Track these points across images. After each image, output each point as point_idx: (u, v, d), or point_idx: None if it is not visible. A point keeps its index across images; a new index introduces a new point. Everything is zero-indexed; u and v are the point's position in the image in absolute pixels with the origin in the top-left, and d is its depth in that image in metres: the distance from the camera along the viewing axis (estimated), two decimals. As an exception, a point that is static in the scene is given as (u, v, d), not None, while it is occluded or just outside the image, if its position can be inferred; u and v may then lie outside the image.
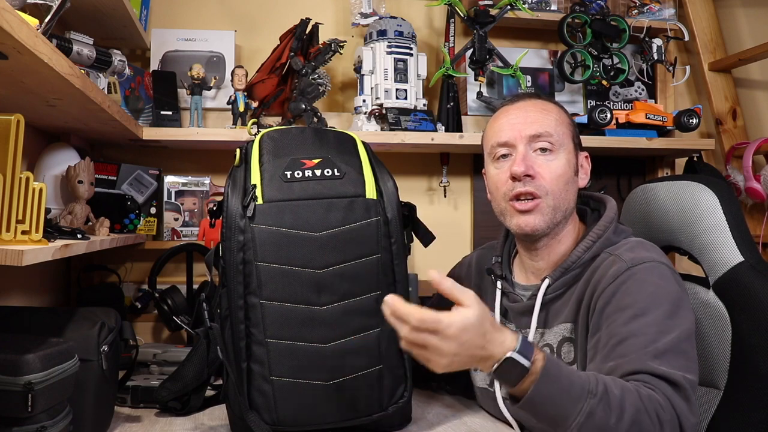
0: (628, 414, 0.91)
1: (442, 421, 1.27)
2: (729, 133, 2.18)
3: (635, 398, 0.93)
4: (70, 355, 0.97)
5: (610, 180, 2.15)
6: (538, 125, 1.19)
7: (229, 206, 1.12)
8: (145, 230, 1.75)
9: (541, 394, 0.91)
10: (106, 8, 1.59)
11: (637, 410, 0.92)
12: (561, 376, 0.92)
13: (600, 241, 1.17)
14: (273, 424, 1.11)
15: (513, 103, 1.25)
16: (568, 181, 1.19)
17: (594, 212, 1.26)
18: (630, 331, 1.02)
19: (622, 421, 0.91)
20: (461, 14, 1.95)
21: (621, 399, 0.92)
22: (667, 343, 1.00)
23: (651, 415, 0.92)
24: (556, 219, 1.18)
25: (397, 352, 1.16)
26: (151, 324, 1.91)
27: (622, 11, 2.13)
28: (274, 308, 1.10)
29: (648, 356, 0.99)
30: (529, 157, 1.17)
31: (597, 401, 0.90)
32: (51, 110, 1.28)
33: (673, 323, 1.03)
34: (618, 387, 0.94)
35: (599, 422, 0.90)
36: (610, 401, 0.91)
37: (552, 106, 1.24)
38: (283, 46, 1.83)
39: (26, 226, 0.95)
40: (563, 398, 0.91)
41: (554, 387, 0.91)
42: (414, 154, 2.07)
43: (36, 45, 0.86)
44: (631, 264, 1.09)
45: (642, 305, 1.04)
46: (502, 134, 1.21)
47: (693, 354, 1.03)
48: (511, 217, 1.19)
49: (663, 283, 1.07)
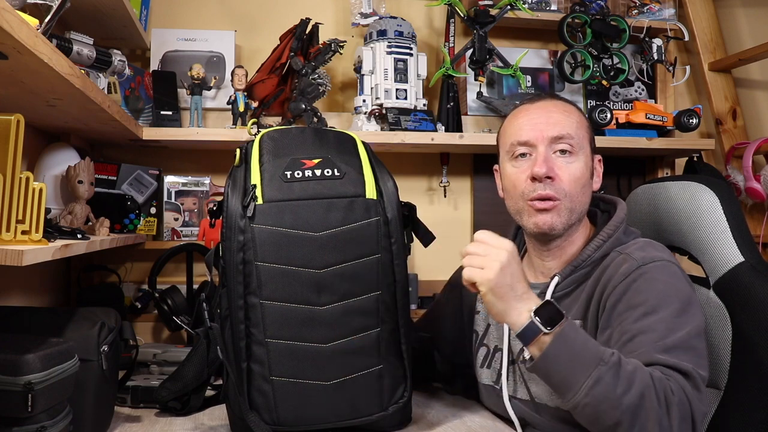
0: (636, 389, 0.93)
1: (442, 421, 1.26)
2: (729, 133, 2.18)
3: (646, 377, 0.95)
4: (70, 355, 0.97)
5: (610, 180, 2.15)
6: (560, 127, 1.19)
7: (229, 206, 1.12)
8: (145, 230, 1.75)
9: (562, 347, 0.97)
10: (106, 8, 1.59)
11: (646, 386, 0.94)
12: (578, 339, 0.98)
13: (610, 240, 1.18)
14: (273, 424, 1.10)
15: (534, 102, 1.25)
16: (585, 184, 1.20)
17: (604, 213, 1.27)
18: (640, 329, 1.03)
19: (628, 394, 0.93)
20: (461, 14, 1.95)
21: (632, 374, 0.95)
22: (676, 340, 1.01)
23: (659, 396, 0.94)
24: (572, 220, 1.19)
25: (397, 352, 1.16)
26: (151, 324, 1.91)
27: (622, 11, 2.13)
28: (274, 308, 1.10)
29: (657, 351, 1.00)
30: (550, 159, 1.18)
31: (607, 369, 0.94)
32: (51, 110, 1.28)
33: (683, 321, 1.04)
34: (632, 364, 0.96)
35: (606, 390, 0.93)
36: (620, 373, 0.94)
37: (573, 109, 1.25)
38: (283, 46, 1.83)
39: (26, 226, 0.94)
40: (576, 361, 0.96)
41: (570, 348, 0.97)
42: (414, 154, 2.07)
43: (36, 45, 0.86)
44: (641, 263, 1.10)
45: (652, 303, 1.05)
46: (522, 133, 1.21)
47: (703, 351, 1.04)
48: (530, 216, 1.20)
49: (673, 282, 1.08)
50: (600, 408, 0.94)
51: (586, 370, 0.95)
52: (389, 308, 1.14)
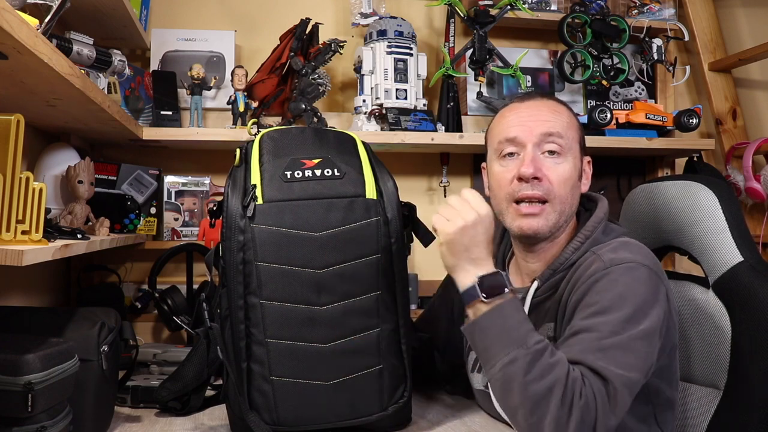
0: (546, 381, 0.95)
1: (442, 421, 1.26)
2: (729, 133, 2.18)
3: (562, 373, 0.96)
4: (70, 355, 0.97)
5: (610, 180, 2.16)
6: (549, 125, 1.17)
7: (229, 206, 1.12)
8: (145, 230, 1.75)
9: (495, 317, 1.01)
10: (106, 8, 1.59)
11: (557, 381, 0.95)
12: (513, 317, 1.01)
13: (588, 241, 1.16)
14: (273, 424, 1.10)
15: (523, 101, 1.23)
16: (573, 186, 1.18)
17: (587, 212, 1.25)
18: (585, 326, 1.03)
19: (537, 384, 0.95)
20: (461, 14, 1.95)
21: (550, 366, 0.96)
22: (616, 341, 1.00)
23: (566, 395, 0.94)
24: (559, 223, 1.17)
25: (397, 352, 1.16)
26: (151, 324, 1.91)
27: (622, 11, 2.13)
28: (274, 308, 1.10)
29: (591, 350, 1.00)
30: (538, 159, 1.16)
31: (525, 353, 0.97)
32: (51, 110, 1.28)
33: (630, 325, 1.02)
34: (556, 358, 0.98)
35: (517, 372, 0.96)
36: (538, 361, 0.96)
37: (563, 108, 1.23)
38: (283, 46, 1.83)
39: (26, 226, 0.94)
40: (502, 336, 1.00)
41: (502, 323, 1.01)
42: (414, 154, 2.07)
43: (36, 45, 0.86)
44: (609, 264, 1.08)
45: (605, 304, 1.04)
46: (511, 130, 1.19)
47: (645, 355, 1.02)
48: (513, 219, 1.18)
49: (634, 285, 1.05)
50: (507, 386, 0.98)
51: (506, 348, 0.98)
52: (389, 308, 1.14)
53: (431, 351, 1.38)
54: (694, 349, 1.32)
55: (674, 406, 1.18)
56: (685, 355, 1.32)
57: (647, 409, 1.13)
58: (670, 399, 1.16)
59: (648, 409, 1.14)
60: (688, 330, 1.33)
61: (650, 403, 1.13)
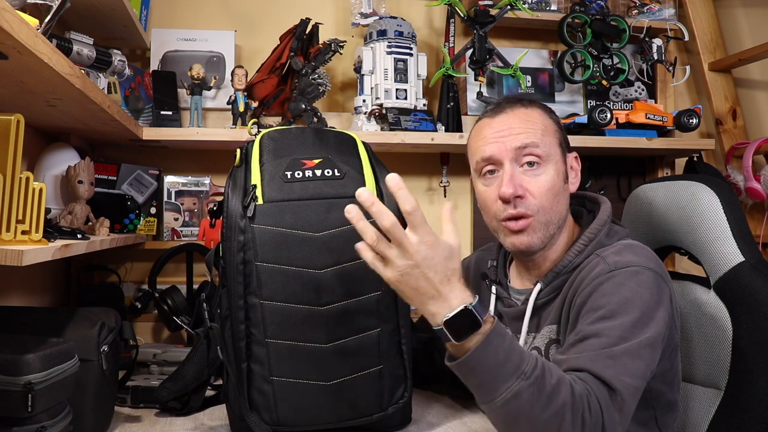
0: (554, 406, 0.91)
1: (442, 421, 1.26)
2: (729, 133, 2.18)
3: (567, 394, 0.92)
4: (70, 355, 0.97)
5: (610, 180, 2.16)
6: (523, 136, 1.15)
7: (229, 206, 1.12)
8: (145, 230, 1.75)
9: (481, 357, 0.92)
10: (106, 8, 1.59)
11: (564, 405, 0.91)
12: (501, 347, 0.92)
13: (592, 244, 1.16)
14: (273, 424, 1.10)
15: (494, 115, 1.20)
16: (557, 193, 1.16)
17: (590, 213, 1.24)
18: (593, 331, 1.01)
19: (546, 412, 0.91)
20: (461, 14, 1.95)
21: (553, 389, 0.92)
22: (625, 348, 0.99)
23: (576, 416, 0.92)
24: (550, 232, 1.17)
25: (397, 352, 1.16)
26: (151, 324, 1.91)
27: (622, 11, 2.13)
28: (274, 308, 1.10)
29: (601, 357, 0.98)
30: (517, 176, 1.14)
31: (528, 384, 0.91)
32: (51, 110, 1.28)
33: (638, 330, 1.01)
34: (555, 377, 0.93)
35: (523, 405, 0.91)
36: (542, 389, 0.91)
37: (536, 113, 1.20)
38: (283, 46, 1.83)
39: (26, 226, 0.94)
40: (497, 371, 0.92)
41: (493, 357, 0.92)
42: (414, 154, 2.07)
43: (36, 45, 0.86)
44: (613, 267, 1.08)
45: (612, 308, 1.03)
46: (486, 149, 1.17)
47: (650, 362, 1.02)
48: (506, 237, 1.18)
49: (640, 290, 1.05)
50: (513, 420, 0.93)
51: (505, 383, 0.91)
52: (389, 308, 1.14)
53: (431, 351, 1.38)
54: (695, 350, 1.32)
55: (676, 409, 1.18)
56: (686, 356, 1.32)
57: (648, 414, 1.13)
58: (672, 401, 1.16)
59: (649, 413, 1.13)
60: (689, 330, 1.33)
61: (651, 407, 1.13)
